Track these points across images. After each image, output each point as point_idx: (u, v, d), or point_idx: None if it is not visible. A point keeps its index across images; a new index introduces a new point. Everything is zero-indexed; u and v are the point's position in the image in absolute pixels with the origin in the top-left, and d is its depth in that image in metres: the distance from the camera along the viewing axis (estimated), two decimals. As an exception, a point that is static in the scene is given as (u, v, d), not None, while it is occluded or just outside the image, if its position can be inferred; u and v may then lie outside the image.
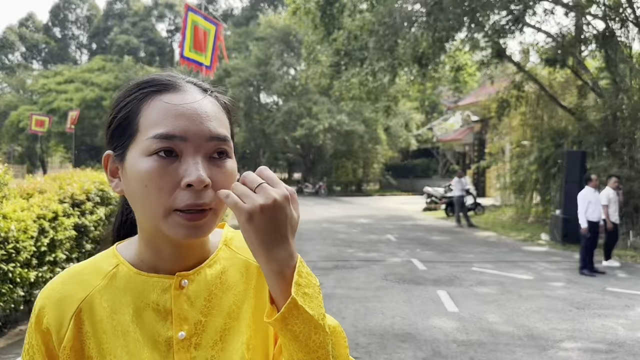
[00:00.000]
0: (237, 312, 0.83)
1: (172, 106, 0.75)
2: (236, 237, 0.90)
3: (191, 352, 0.78)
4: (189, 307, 0.80)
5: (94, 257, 0.85)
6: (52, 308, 0.78)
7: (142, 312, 0.79)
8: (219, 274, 0.84)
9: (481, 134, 26.32)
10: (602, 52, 14.09)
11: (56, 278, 0.82)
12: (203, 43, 16.72)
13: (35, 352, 0.78)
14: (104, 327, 0.78)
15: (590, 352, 4.70)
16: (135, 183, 0.74)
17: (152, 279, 0.80)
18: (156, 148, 0.73)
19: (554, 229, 12.40)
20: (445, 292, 6.95)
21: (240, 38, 40.31)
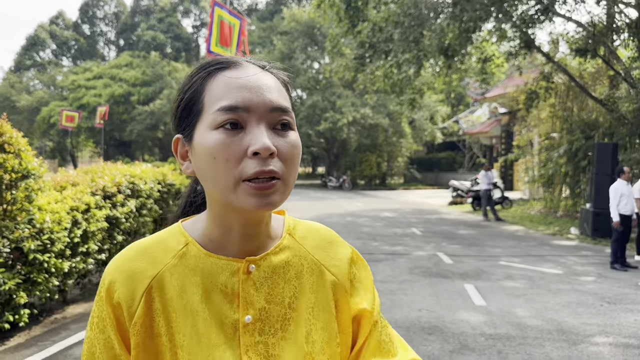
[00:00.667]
0: (296, 304, 0.84)
1: (234, 80, 0.77)
2: (299, 227, 0.92)
3: (255, 337, 0.80)
4: (255, 292, 0.82)
5: (160, 234, 0.85)
6: (123, 283, 0.78)
7: (211, 293, 0.80)
8: (283, 263, 0.85)
9: (509, 127, 25.90)
10: (635, 41, 13.71)
11: (124, 253, 0.82)
12: (229, 38, 16.84)
13: (106, 324, 0.78)
14: (174, 306, 0.79)
15: (622, 347, 4.61)
16: (204, 157, 0.76)
17: (221, 261, 0.81)
18: (222, 120, 0.75)
19: (584, 222, 12.17)
20: (472, 286, 6.89)
21: (264, 32, 40.45)
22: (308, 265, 0.87)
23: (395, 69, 14.62)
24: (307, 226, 0.93)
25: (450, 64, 15.12)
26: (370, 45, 14.34)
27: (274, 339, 0.81)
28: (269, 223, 0.85)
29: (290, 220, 0.92)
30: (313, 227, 0.93)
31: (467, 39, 13.86)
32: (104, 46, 62.14)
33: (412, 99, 16.53)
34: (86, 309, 5.60)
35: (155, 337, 0.78)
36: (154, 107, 42.15)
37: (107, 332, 0.78)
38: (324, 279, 0.88)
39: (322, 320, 0.85)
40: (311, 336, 0.83)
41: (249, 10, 52.61)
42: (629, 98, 13.57)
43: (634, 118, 13.31)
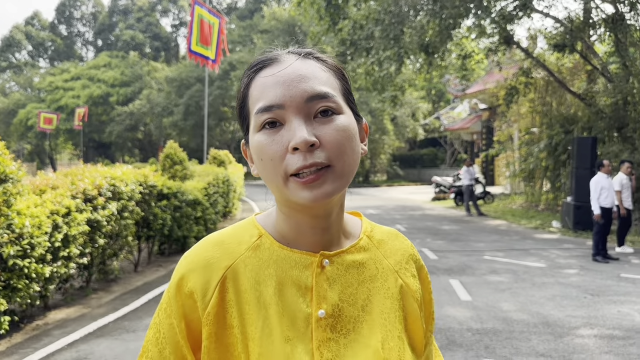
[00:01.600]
0: (370, 308, 0.83)
1: (268, 79, 0.78)
2: (376, 230, 0.91)
3: (327, 333, 0.78)
4: (328, 287, 0.80)
5: (234, 226, 0.86)
6: (197, 274, 0.79)
7: (284, 286, 0.79)
8: (357, 264, 0.84)
9: (489, 122, 26.15)
10: (612, 36, 13.92)
11: (199, 246, 0.83)
12: (209, 36, 16.72)
13: (172, 312, 0.79)
14: (248, 298, 0.78)
15: (607, 338, 4.67)
16: (256, 159, 0.79)
17: (294, 254, 0.81)
18: (261, 122, 0.77)
19: (566, 216, 12.33)
20: (457, 281, 6.93)
21: (244, 31, 40.28)
22: (383, 270, 0.86)
23: (376, 67, 14.65)
24: (385, 230, 0.93)
25: (431, 61, 15.20)
26: (352, 43, 14.35)
27: (346, 339, 0.79)
28: (341, 217, 0.84)
29: (368, 223, 0.92)
30: (390, 232, 0.93)
31: (447, 35, 13.95)
32: (82, 47, 61.27)
33: (394, 96, 16.59)
34: (68, 315, 5.50)
35: (227, 328, 0.77)
36: (133, 108, 41.71)
37: (172, 319, 0.79)
38: (397, 286, 0.86)
39: (398, 329, 0.83)
40: (388, 343, 0.81)
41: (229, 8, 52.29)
42: (607, 92, 13.79)
43: (612, 112, 13.52)
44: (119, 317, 5.43)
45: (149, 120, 42.45)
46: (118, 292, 6.52)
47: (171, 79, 38.76)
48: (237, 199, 15.59)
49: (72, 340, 4.68)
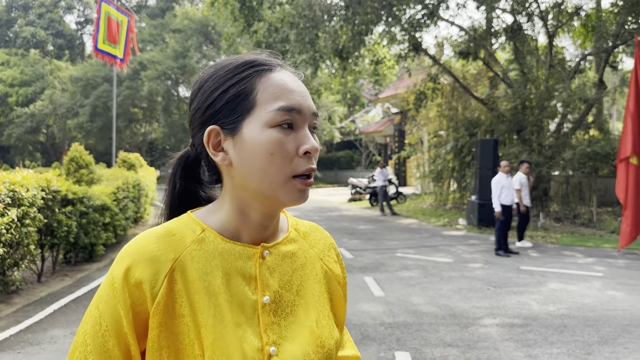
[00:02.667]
0: (303, 292, 0.91)
1: (286, 83, 0.84)
2: (300, 224, 1.00)
3: (271, 317, 0.85)
4: (270, 276, 0.87)
5: (171, 224, 0.88)
6: (145, 265, 0.81)
7: (230, 276, 0.85)
8: (290, 254, 0.92)
9: (401, 125, 27.11)
10: (511, 44, 14.93)
11: (142, 238, 0.84)
12: (117, 35, 16.05)
13: (117, 302, 0.80)
14: (197, 287, 0.82)
15: (507, 326, 5.01)
16: (259, 152, 0.82)
17: (237, 247, 0.86)
18: (280, 120, 0.82)
19: (471, 213, 13.06)
20: (371, 278, 7.14)
21: (155, 30, 38.99)
22: (310, 258, 0.96)
23: (292, 69, 14.73)
24: (307, 224, 1.02)
25: (345, 66, 15.53)
26: (267, 45, 14.35)
27: (286, 322, 0.86)
28: (279, 217, 0.92)
29: (292, 218, 1.00)
30: (312, 225, 1.03)
31: (360, 41, 14.32)
32: (-25, 42, 56.56)
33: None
34: (-38, 331, 5.08)
35: (177, 317, 0.80)
36: (34, 109, 39.07)
37: (117, 310, 0.79)
38: (322, 272, 0.96)
39: (327, 309, 0.94)
40: (320, 322, 0.90)
41: (138, 6, 50.40)
42: (507, 97, 14.77)
43: (512, 116, 14.50)
44: (22, 329, 5.09)
45: (51, 122, 39.98)
46: (20, 304, 6.10)
47: (76, 78, 36.71)
48: (149, 204, 15.07)
49: (-34, 357, 4.34)
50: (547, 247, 9.95)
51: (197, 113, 0.87)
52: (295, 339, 0.86)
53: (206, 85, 0.87)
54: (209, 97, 0.86)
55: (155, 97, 35.00)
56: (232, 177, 0.86)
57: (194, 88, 0.90)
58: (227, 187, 0.88)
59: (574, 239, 10.81)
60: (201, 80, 0.89)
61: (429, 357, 4.24)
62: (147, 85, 32.84)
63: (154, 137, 42.16)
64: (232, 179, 0.86)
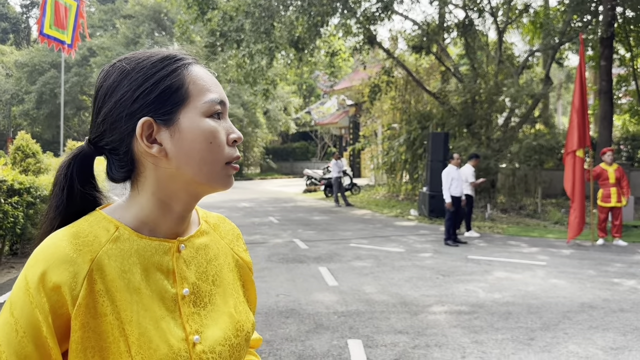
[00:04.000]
0: (219, 281, 0.96)
1: (210, 76, 0.91)
2: (210, 216, 1.05)
3: (191, 308, 0.89)
4: (186, 268, 0.91)
5: (82, 221, 0.86)
6: (62, 269, 0.79)
7: (149, 271, 0.86)
8: (204, 246, 0.96)
9: (356, 117, 27.37)
10: (463, 39, 15.30)
11: (54, 240, 0.82)
12: (64, 20, 15.48)
13: (34, 308, 0.78)
14: (117, 286, 0.82)
15: (455, 313, 5.21)
16: (199, 140, 0.85)
17: (154, 242, 0.88)
18: (215, 110, 0.87)
19: (422, 204, 13.38)
20: (326, 269, 7.25)
21: (105, 15, 37.78)
22: (222, 248, 1.01)
23: (248, 59, 14.65)
24: (215, 216, 1.07)
25: (301, 57, 15.54)
26: (222, 34, 14.19)
27: (205, 311, 0.90)
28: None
29: (201, 210, 1.03)
30: (219, 217, 1.08)
31: (316, 32, 14.35)
32: None
33: (266, 90, 16.71)
34: None
35: (99, 317, 0.80)
36: (-24, 95, 37.21)
37: (35, 316, 0.78)
38: (233, 260, 1.03)
39: (241, 295, 1.00)
40: (237, 307, 0.96)
41: (88, -10, 48.66)
42: (458, 92, 15.16)
43: (462, 110, 14.90)
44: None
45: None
46: (-39, 298, 5.89)
47: (21, 63, 35.16)
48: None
49: None
50: (493, 237, 10.33)
51: (121, 106, 0.85)
52: (217, 325, 0.90)
53: (131, 77, 0.86)
54: (138, 88, 0.85)
55: None
56: (161, 168, 0.86)
57: (110, 80, 0.87)
58: (148, 180, 0.87)
59: (520, 229, 11.25)
60: (121, 72, 0.86)
61: (380, 344, 4.37)
62: (96, 72, 31.77)
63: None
64: (160, 170, 0.86)
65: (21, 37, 49.79)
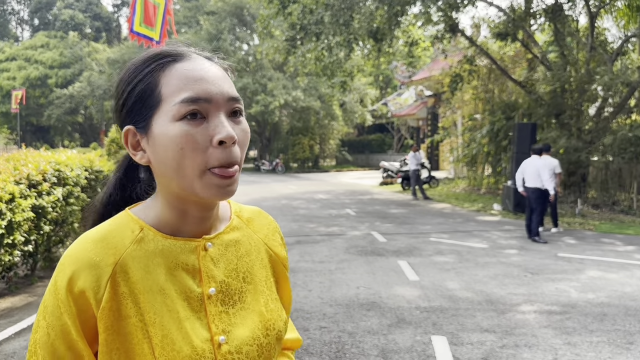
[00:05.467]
0: (250, 278, 0.93)
1: (191, 72, 0.81)
2: (244, 210, 1.01)
3: (218, 307, 0.87)
4: (214, 267, 0.89)
5: (110, 222, 0.87)
6: (86, 274, 0.80)
7: (174, 271, 0.85)
8: (234, 242, 0.94)
9: (434, 109, 26.75)
10: (551, 25, 14.50)
11: (81, 244, 0.83)
12: (153, 17, 16.22)
13: (63, 312, 0.80)
14: (140, 288, 0.82)
15: (546, 313, 4.97)
16: (169, 148, 0.79)
17: (179, 242, 0.87)
18: (185, 112, 0.78)
19: (506, 199, 12.87)
20: (405, 262, 7.15)
21: (190, 12, 39.23)
22: (255, 244, 0.97)
23: (326, 52, 14.69)
24: (251, 210, 1.03)
25: (380, 47, 15.36)
26: (301, 27, 14.30)
27: (234, 309, 0.88)
28: (219, 206, 0.92)
29: (235, 205, 1.00)
30: (255, 211, 1.03)
31: (395, 22, 14.13)
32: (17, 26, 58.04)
33: (343, 82, 16.69)
34: (13, 303, 5.33)
35: (124, 319, 0.81)
36: (73, 90, 40.02)
37: (64, 320, 0.80)
38: (267, 256, 0.99)
39: (274, 292, 0.97)
40: (269, 305, 0.93)
41: (173, -11, 50.80)
42: (546, 80, 14.39)
43: (550, 99, 14.15)
44: (67, 305, 5.30)
45: (89, 103, 40.86)
46: (65, 280, 6.34)
47: (113, 60, 37.35)
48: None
49: (20, 329, 4.56)
50: (585, 234, 9.76)
51: (115, 114, 0.87)
52: (245, 324, 0.88)
53: (119, 84, 0.86)
54: (121, 95, 0.84)
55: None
56: (157, 175, 0.85)
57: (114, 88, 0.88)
58: (157, 183, 0.87)
59: (613, 226, 10.56)
60: (117, 79, 0.87)
61: (465, 341, 4.25)
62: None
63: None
64: (158, 177, 0.85)
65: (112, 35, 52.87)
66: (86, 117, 45.00)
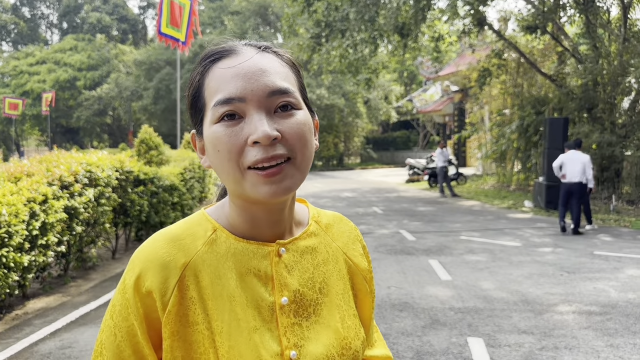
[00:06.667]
0: (327, 289, 0.86)
1: (226, 70, 0.77)
2: (323, 215, 0.95)
3: (291, 318, 0.81)
4: (288, 274, 0.83)
5: (185, 221, 0.85)
6: (154, 273, 0.77)
7: (245, 277, 0.80)
8: (311, 249, 0.87)
9: (461, 104, 26.41)
10: (582, 17, 14.13)
11: (152, 242, 0.81)
12: (179, 18, 16.36)
13: (130, 313, 0.77)
14: (210, 293, 0.78)
15: (585, 314, 4.81)
16: (211, 151, 0.78)
17: (251, 246, 0.82)
18: (220, 114, 0.76)
19: (537, 195, 12.59)
20: (436, 261, 7.03)
21: (214, 12, 39.56)
22: (333, 252, 0.90)
23: (351, 49, 14.59)
24: (330, 215, 0.96)
25: (405, 43, 15.21)
26: (327, 24, 14.24)
27: (308, 322, 0.82)
28: (292, 208, 0.86)
29: (314, 209, 0.95)
30: (335, 216, 0.97)
31: (422, 17, 13.96)
32: (46, 30, 59.33)
33: (368, 79, 16.57)
34: (48, 304, 5.40)
35: (190, 326, 0.77)
36: (101, 92, 40.73)
37: (130, 320, 0.77)
38: (347, 267, 0.92)
39: (352, 307, 0.89)
40: (345, 321, 0.86)
41: (198, -10, 51.26)
42: (577, 73, 14.04)
43: (582, 93, 13.79)
44: (101, 304, 5.35)
45: (117, 104, 41.55)
46: (97, 280, 6.42)
47: (140, 62, 37.89)
48: (212, 184, 15.45)
49: (55, 329, 4.60)
50: (621, 231, 9.48)
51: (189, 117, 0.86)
52: (319, 340, 0.82)
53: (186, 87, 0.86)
54: (189, 98, 0.84)
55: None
56: None
57: None
58: None
59: (651, 222, 10.23)
60: None
61: (503, 343, 4.14)
62: (206, 68, 33.44)
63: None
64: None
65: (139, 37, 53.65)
66: (114, 118, 45.78)
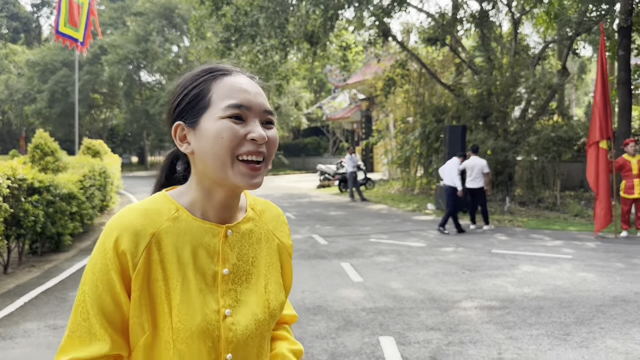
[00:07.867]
0: (257, 263, 1.10)
1: (238, 84, 1.02)
2: (257, 202, 1.18)
3: (229, 285, 1.04)
4: (230, 251, 1.06)
5: (150, 200, 1.05)
6: (128, 237, 0.98)
7: (197, 249, 1.02)
8: (248, 231, 1.10)
9: (368, 112, 27.20)
10: (477, 31, 15.09)
11: (127, 213, 1.01)
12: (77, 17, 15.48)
13: (110, 268, 0.97)
14: (170, 258, 1.00)
15: (486, 309, 5.11)
16: (211, 138, 0.97)
17: (205, 225, 1.04)
18: (230, 113, 0.98)
19: (439, 198, 13.24)
20: (348, 264, 7.17)
21: (116, 13, 37.77)
22: (264, 233, 1.14)
23: (261, 55, 14.56)
24: (262, 202, 1.19)
25: (315, 51, 15.42)
26: (236, 29, 14.10)
27: (241, 288, 1.06)
28: (240, 197, 1.10)
29: (250, 197, 1.18)
30: (267, 203, 1.20)
31: (330, 26, 14.22)
32: None
33: (279, 85, 16.61)
34: None
35: (153, 282, 0.99)
36: (-11, 95, 37.49)
37: (110, 275, 0.97)
38: (275, 244, 1.16)
39: (275, 276, 1.13)
40: (268, 287, 1.10)
41: (98, -11, 48.73)
42: (473, 84, 14.97)
43: (478, 102, 14.72)
44: (-9, 324, 4.91)
45: (7, 108, 38.48)
46: (-14, 298, 5.88)
47: (33, 63, 35.32)
48: (115, 192, 14.71)
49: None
50: (515, 230, 10.20)
51: (168, 112, 1.07)
52: (248, 302, 1.05)
53: (176, 89, 1.06)
54: (176, 99, 1.04)
55: (116, 82, 34.01)
56: (196, 164, 1.03)
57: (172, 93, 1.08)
58: (193, 172, 1.05)
59: (540, 222, 11.10)
60: (175, 86, 1.07)
61: (412, 340, 4.29)
62: (107, 70, 31.85)
63: (115, 124, 41.08)
64: (196, 166, 1.03)
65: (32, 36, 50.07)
66: (4, 122, 42.35)
